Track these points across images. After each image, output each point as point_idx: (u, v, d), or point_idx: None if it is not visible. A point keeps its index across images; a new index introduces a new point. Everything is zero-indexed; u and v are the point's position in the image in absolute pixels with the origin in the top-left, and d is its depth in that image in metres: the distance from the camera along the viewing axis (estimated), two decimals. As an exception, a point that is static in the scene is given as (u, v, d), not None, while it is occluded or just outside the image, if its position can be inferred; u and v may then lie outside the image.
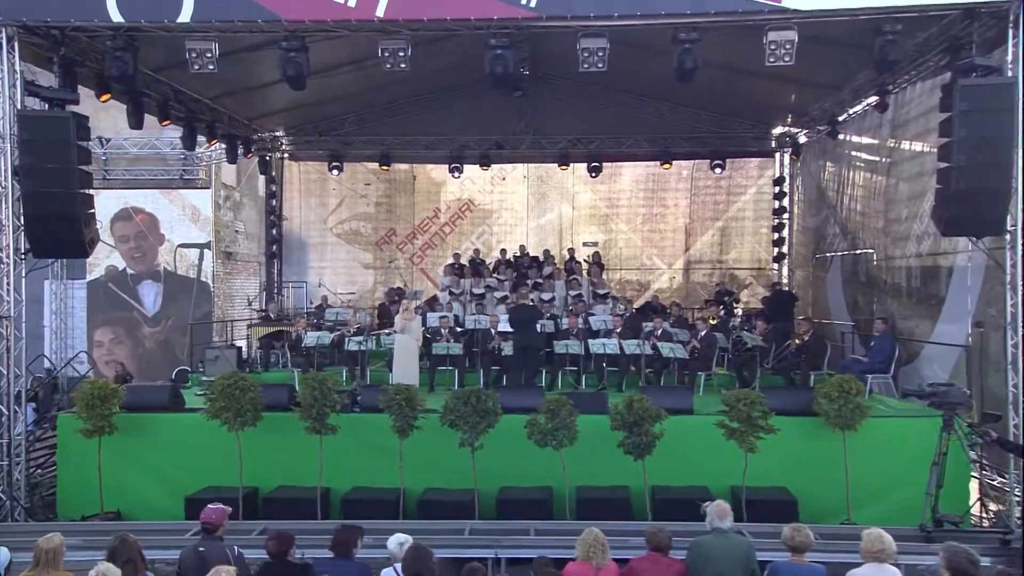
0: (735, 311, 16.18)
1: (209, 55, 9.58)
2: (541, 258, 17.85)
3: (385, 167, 18.22)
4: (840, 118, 14.40)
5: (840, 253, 14.85)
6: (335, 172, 18.27)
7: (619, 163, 18.76)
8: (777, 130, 18.00)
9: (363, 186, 19.20)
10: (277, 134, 18.41)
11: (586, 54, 9.70)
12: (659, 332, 12.78)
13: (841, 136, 14.66)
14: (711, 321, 13.24)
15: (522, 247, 18.24)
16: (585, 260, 17.57)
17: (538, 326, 12.67)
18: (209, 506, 6.09)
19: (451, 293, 16.16)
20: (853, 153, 14.40)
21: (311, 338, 12.41)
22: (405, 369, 11.37)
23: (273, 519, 8.48)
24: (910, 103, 11.91)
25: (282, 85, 10.61)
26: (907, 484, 8.70)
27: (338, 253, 19.22)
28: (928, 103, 10.96)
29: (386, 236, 19.33)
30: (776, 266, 18.37)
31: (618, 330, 13.13)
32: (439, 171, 18.70)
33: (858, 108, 13.83)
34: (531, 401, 9.65)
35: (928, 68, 10.78)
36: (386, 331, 13.04)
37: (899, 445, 9.24)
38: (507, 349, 12.67)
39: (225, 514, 6.00)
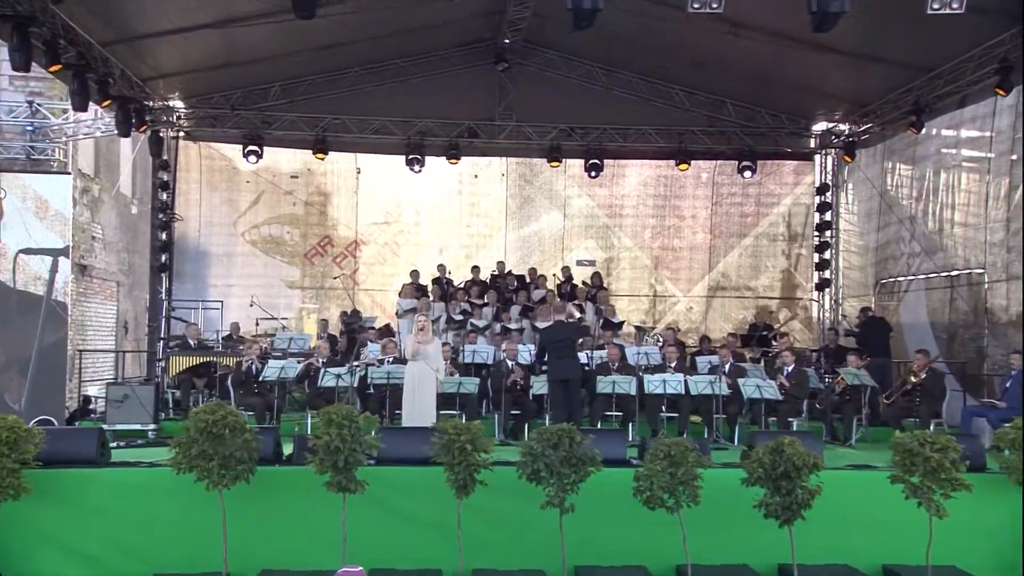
0: (773, 349, 15.71)
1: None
2: (527, 278, 17.30)
3: (320, 155, 17.46)
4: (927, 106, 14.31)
5: (924, 276, 14.60)
6: (251, 159, 17.35)
7: (623, 161, 18.47)
8: (819, 126, 17.93)
9: (289, 179, 18.23)
10: (173, 104, 17.28)
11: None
12: (727, 367, 12.17)
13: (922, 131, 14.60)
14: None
15: (500, 264, 17.63)
16: (584, 283, 17.02)
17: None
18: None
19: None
20: (948, 151, 14.34)
21: (272, 369, 11.28)
22: (421, 407, 10.48)
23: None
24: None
25: (179, 35, 9.40)
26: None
27: (252, 267, 18.10)
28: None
29: (319, 246, 18.37)
30: (818, 295, 18.10)
31: (672, 364, 12.42)
32: (392, 164, 17.89)
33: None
34: (613, 449, 8.78)
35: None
36: (373, 359, 11.83)
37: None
38: (538, 385, 11.90)
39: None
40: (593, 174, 17.76)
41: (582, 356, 12.57)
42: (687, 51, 15.87)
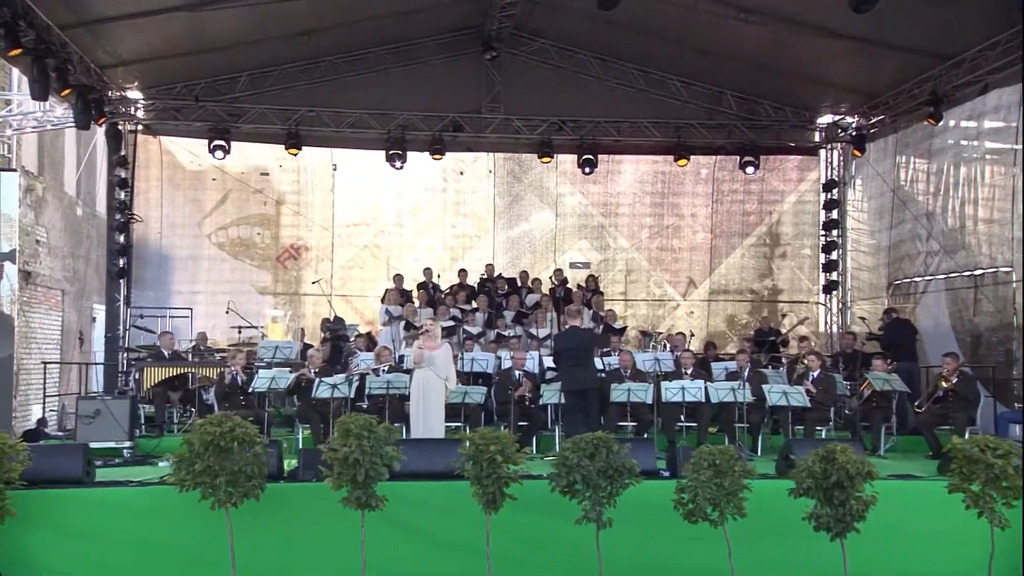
0: (781, 357, 15.72)
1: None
2: (519, 282, 17.14)
3: (293, 151, 17.33)
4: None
5: (944, 275, 14.65)
6: (217, 155, 17.15)
7: (618, 156, 18.48)
8: (825, 118, 18.01)
9: (259, 177, 17.99)
10: (131, 95, 17.01)
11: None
12: (747, 373, 12.11)
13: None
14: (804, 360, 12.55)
15: (489, 267, 17.51)
16: (580, 287, 16.94)
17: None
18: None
19: (409, 327, 14.95)
20: (969, 143, 14.39)
21: (262, 380, 10.99)
22: (428, 421, 10.29)
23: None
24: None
25: (141, 19, 9.14)
26: None
27: (219, 271, 17.83)
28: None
29: (292, 249, 18.11)
30: (825, 298, 18.14)
31: (689, 370, 12.36)
32: (371, 160, 17.79)
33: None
34: (643, 459, 8.64)
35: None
36: (366, 368, 11.61)
37: None
38: (548, 395, 11.70)
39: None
40: (587, 170, 17.70)
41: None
42: (688, 37, 15.89)
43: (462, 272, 17.06)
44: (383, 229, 18.30)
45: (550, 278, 17.21)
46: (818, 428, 11.66)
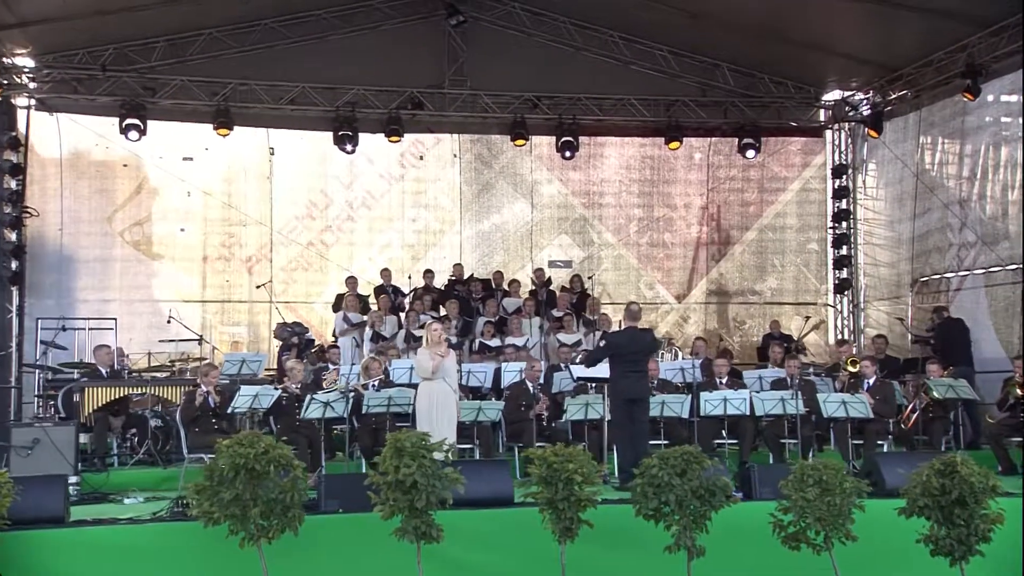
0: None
1: None
2: (494, 284, 17.14)
3: (222, 131, 17.00)
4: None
5: (983, 270, 14.93)
6: (131, 137, 16.69)
7: (601, 138, 18.57)
8: (831, 95, 18.28)
9: (181, 163, 17.52)
10: (20, 62, 16.51)
11: None
12: (796, 380, 12.26)
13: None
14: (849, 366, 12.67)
15: (458, 267, 17.44)
16: (565, 288, 17.00)
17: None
18: None
19: (378, 338, 14.96)
20: (1010, 120, 14.63)
21: (243, 399, 10.69)
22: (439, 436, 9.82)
23: None
24: None
25: None
26: None
27: (134, 275, 17.36)
28: None
29: (223, 247, 17.69)
30: (835, 299, 18.38)
31: (724, 379, 12.49)
32: (318, 141, 17.73)
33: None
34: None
35: None
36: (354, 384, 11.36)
37: None
38: (572, 410, 11.67)
39: None
40: (567, 155, 17.74)
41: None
42: (679, 1, 15.93)
43: (428, 274, 16.92)
44: (330, 224, 18.06)
45: (531, 279, 17.18)
46: (880, 442, 11.76)
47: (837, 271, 18.40)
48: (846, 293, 18.39)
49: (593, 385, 12.19)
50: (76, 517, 8.69)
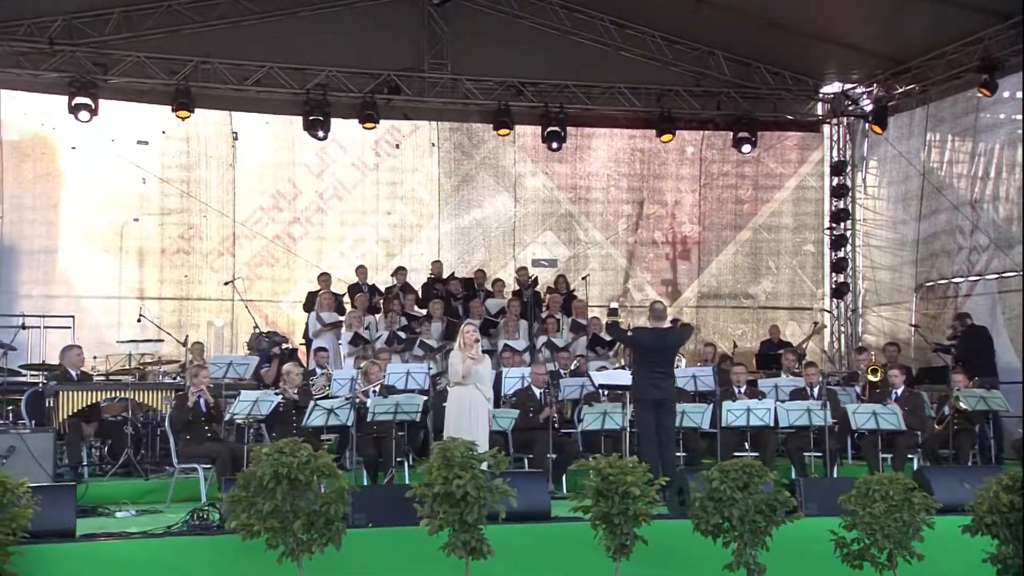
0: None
1: None
2: (476, 283, 17.19)
3: (182, 113, 16.97)
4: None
5: (996, 275, 15.29)
6: (81, 117, 16.51)
7: (588, 129, 18.76)
8: (831, 87, 18.63)
9: (135, 147, 17.42)
10: None
11: None
12: (817, 390, 12.47)
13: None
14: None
15: (436, 264, 17.49)
16: (551, 289, 17.09)
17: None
18: None
19: (358, 340, 14.92)
20: (1025, 117, 15.06)
21: (242, 405, 10.63)
22: None
23: None
24: None
25: None
26: None
27: (84, 269, 17.23)
28: None
29: (183, 240, 17.61)
30: (833, 304, 18.71)
31: (743, 388, 12.70)
32: (286, 127, 17.81)
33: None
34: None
35: None
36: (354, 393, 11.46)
37: None
38: (589, 419, 11.71)
39: None
40: (553, 146, 17.87)
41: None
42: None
43: (400, 271, 16.93)
44: (299, 216, 18.07)
45: (515, 279, 17.27)
46: (909, 456, 11.97)
47: (835, 274, 18.74)
48: (844, 298, 18.73)
49: (606, 394, 12.39)
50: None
